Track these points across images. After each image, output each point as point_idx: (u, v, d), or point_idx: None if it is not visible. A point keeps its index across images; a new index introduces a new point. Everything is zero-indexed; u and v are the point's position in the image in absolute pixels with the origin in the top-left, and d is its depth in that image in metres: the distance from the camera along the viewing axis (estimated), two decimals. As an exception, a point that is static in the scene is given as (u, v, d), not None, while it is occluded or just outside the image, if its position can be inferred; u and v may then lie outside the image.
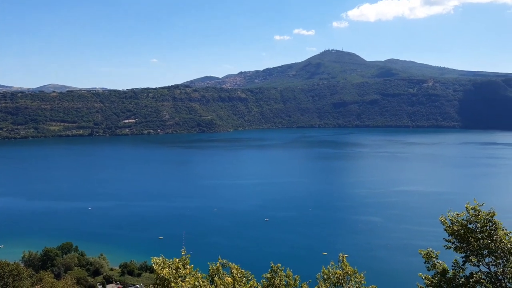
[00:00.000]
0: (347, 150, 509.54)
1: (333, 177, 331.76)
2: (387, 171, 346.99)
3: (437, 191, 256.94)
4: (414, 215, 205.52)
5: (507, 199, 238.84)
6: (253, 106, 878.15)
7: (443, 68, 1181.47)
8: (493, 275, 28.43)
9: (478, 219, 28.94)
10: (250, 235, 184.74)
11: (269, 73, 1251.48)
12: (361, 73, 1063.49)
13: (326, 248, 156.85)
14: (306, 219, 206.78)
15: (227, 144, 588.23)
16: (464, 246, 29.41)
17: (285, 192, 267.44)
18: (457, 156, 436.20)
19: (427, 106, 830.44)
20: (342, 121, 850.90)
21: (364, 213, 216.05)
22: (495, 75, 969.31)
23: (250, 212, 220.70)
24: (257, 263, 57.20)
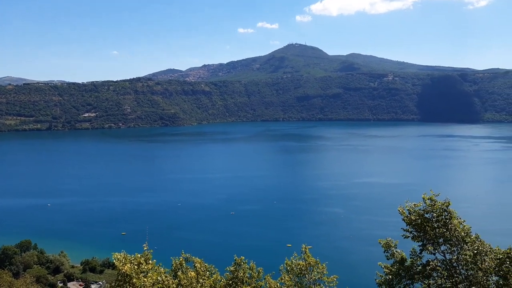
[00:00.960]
0: (311, 143, 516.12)
1: (297, 170, 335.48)
2: (349, 164, 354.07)
3: (398, 183, 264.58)
4: (375, 206, 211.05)
5: (462, 189, 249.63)
6: (217, 100, 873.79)
7: (402, 62, 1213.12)
8: (448, 263, 29.65)
9: (434, 209, 30.06)
10: (216, 229, 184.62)
11: (233, 66, 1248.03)
12: (324, 67, 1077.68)
13: (291, 240, 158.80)
14: (271, 212, 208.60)
15: (191, 138, 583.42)
16: (421, 235, 30.50)
17: (250, 186, 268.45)
18: (416, 148, 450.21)
19: (388, 100, 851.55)
20: (306, 115, 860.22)
21: (328, 205, 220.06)
22: (452, 70, 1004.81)
23: (215, 206, 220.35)
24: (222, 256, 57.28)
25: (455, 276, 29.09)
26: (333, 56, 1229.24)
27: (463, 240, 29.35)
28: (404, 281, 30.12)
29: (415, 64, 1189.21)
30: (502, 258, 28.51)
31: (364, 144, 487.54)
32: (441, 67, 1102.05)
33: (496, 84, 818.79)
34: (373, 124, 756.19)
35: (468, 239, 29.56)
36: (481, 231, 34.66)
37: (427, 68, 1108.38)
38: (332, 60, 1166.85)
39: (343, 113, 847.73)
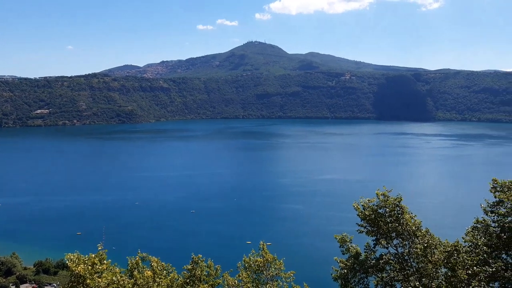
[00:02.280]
0: (271, 140, 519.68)
1: (258, 168, 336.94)
2: (309, 161, 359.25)
3: (356, 179, 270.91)
4: (334, 202, 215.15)
5: (415, 185, 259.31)
6: (176, 97, 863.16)
7: (359, 62, 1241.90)
8: (400, 256, 30.84)
9: (387, 204, 31.17)
10: (175, 227, 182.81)
11: (192, 63, 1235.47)
12: (283, 66, 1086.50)
13: (251, 237, 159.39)
14: (232, 210, 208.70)
15: (150, 135, 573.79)
16: (375, 229, 31.58)
17: (211, 183, 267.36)
18: (372, 146, 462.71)
19: (345, 98, 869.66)
20: (265, 112, 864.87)
21: (288, 202, 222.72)
22: (406, 70, 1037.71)
23: (174, 204, 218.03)
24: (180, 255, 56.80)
25: (406, 269, 30.28)
26: (292, 55, 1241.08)
27: (414, 234, 30.60)
28: (359, 275, 31.09)
29: (371, 64, 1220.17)
30: (450, 251, 29.93)
31: (323, 142, 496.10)
32: (395, 67, 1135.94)
33: (447, 84, 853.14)
34: (331, 122, 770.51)
35: (418, 233, 30.84)
36: (432, 225, 36.21)
37: (382, 67, 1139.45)
38: (291, 59, 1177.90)
39: (302, 111, 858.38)
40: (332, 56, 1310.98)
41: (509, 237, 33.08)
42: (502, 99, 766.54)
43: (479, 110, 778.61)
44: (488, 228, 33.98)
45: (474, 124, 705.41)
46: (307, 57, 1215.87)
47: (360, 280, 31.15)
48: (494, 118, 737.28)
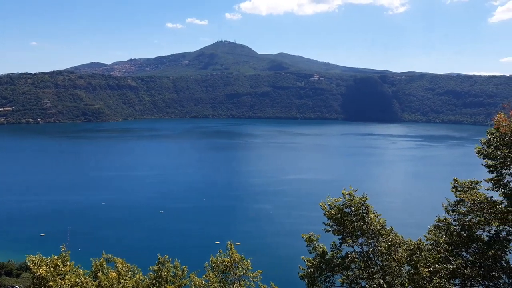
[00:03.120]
0: (241, 140, 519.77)
1: (227, 167, 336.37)
2: (279, 161, 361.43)
3: (324, 179, 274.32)
4: (303, 201, 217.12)
5: (381, 185, 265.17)
6: (144, 95, 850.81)
7: (328, 63, 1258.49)
8: (365, 254, 31.46)
9: (352, 204, 31.76)
10: (143, 228, 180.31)
11: (161, 61, 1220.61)
12: (253, 66, 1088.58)
13: (220, 237, 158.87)
14: (201, 210, 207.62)
15: (117, 135, 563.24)
16: (341, 228, 32.12)
17: (180, 183, 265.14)
18: (341, 146, 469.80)
19: (314, 99, 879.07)
20: (235, 112, 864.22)
21: (257, 201, 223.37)
22: (373, 72, 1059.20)
23: (142, 205, 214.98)
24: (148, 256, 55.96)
25: (371, 267, 30.92)
26: (262, 55, 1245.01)
27: (379, 233, 31.28)
28: (325, 274, 31.53)
29: (340, 66, 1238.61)
30: (413, 249, 30.75)
31: (293, 142, 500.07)
32: (363, 69, 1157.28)
33: (412, 86, 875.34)
34: (301, 123, 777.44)
35: (383, 231, 31.56)
36: (396, 224, 37.08)
37: (350, 69, 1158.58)
38: (261, 59, 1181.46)
39: (272, 111, 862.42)
40: (302, 57, 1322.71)
41: (469, 235, 34.31)
42: (464, 102, 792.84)
43: (443, 112, 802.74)
44: (449, 227, 35.14)
45: (437, 126, 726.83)
46: (277, 57, 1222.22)
47: (326, 278, 31.62)
48: (456, 120, 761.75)
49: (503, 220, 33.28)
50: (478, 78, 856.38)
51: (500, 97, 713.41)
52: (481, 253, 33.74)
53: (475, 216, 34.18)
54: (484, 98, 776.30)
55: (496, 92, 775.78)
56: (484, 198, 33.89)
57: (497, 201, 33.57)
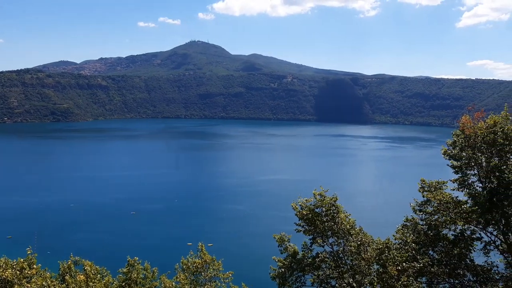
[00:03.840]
0: (215, 141, 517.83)
1: (201, 168, 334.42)
2: (252, 161, 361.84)
3: (297, 179, 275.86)
4: (275, 202, 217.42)
5: (352, 185, 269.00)
6: (115, 95, 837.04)
7: (300, 65, 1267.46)
8: (335, 254, 31.90)
9: (323, 204, 32.14)
10: (113, 230, 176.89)
11: (133, 60, 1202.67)
12: (226, 66, 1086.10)
13: (192, 238, 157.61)
14: (174, 211, 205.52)
15: (88, 135, 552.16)
16: (312, 229, 32.45)
17: (152, 184, 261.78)
18: (313, 147, 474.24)
19: (287, 100, 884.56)
20: (208, 112, 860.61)
21: (231, 202, 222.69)
22: (345, 74, 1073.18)
23: (114, 206, 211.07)
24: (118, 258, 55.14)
25: (341, 266, 31.37)
26: (235, 56, 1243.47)
27: (349, 233, 31.78)
28: (296, 273, 31.81)
29: (312, 67, 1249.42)
30: (381, 248, 31.37)
31: (266, 143, 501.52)
32: (335, 71, 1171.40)
33: (383, 88, 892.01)
34: (274, 123, 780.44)
35: (353, 231, 32.07)
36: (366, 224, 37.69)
37: (322, 71, 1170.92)
38: (234, 60, 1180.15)
39: (245, 112, 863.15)
40: (275, 59, 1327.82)
41: (435, 234, 35.26)
42: (432, 104, 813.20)
43: (412, 114, 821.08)
44: (416, 226, 36.01)
45: (407, 127, 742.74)
46: (250, 58, 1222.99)
47: (297, 278, 31.90)
48: (425, 122, 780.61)
49: (468, 220, 34.34)
50: (445, 81, 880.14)
51: (467, 100, 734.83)
52: (447, 251, 34.72)
53: (441, 215, 35.14)
54: (451, 100, 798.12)
55: (462, 95, 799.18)
56: (450, 198, 34.89)
57: (462, 201, 34.61)
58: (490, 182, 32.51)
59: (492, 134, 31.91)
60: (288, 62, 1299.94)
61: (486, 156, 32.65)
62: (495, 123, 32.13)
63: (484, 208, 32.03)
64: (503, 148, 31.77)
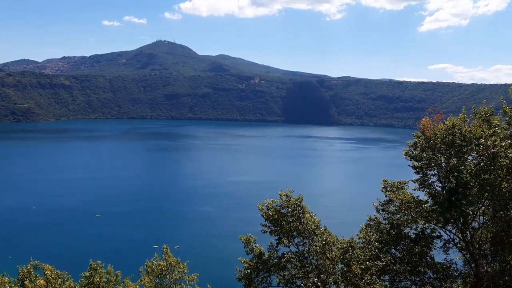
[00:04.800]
0: (181, 142, 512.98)
1: (167, 169, 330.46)
2: (220, 162, 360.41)
3: (264, 180, 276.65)
4: (243, 203, 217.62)
5: (318, 185, 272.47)
6: (79, 95, 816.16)
7: (268, 67, 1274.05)
8: (300, 254, 32.20)
9: (289, 205, 32.40)
10: (77, 233, 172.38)
11: (97, 60, 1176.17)
12: (193, 67, 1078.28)
13: (158, 241, 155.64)
14: (140, 213, 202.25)
15: (50, 135, 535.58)
16: (278, 229, 32.65)
17: (118, 186, 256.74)
18: (281, 148, 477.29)
19: (254, 101, 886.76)
20: (175, 113, 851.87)
21: (198, 204, 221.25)
22: (311, 76, 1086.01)
23: (78, 209, 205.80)
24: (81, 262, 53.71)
25: (306, 266, 31.69)
26: (202, 56, 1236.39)
27: (314, 233, 32.15)
28: (262, 274, 31.92)
29: (280, 69, 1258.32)
30: (345, 247, 31.91)
31: (234, 144, 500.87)
32: (302, 73, 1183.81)
33: (348, 91, 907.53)
34: (241, 124, 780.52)
35: (318, 231, 32.47)
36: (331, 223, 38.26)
37: (290, 73, 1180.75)
38: (201, 60, 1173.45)
39: (213, 113, 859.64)
40: (242, 60, 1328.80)
41: (398, 233, 36.17)
42: (396, 106, 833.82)
43: (376, 115, 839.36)
44: (379, 225, 36.84)
45: (371, 129, 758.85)
46: (218, 59, 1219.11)
47: (263, 279, 32.03)
48: (388, 123, 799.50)
49: (428, 219, 35.40)
50: (408, 84, 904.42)
51: (428, 102, 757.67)
52: (408, 250, 35.67)
53: (403, 215, 36.07)
54: (413, 103, 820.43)
55: (424, 98, 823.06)
56: (411, 198, 35.88)
57: (423, 201, 35.65)
58: (449, 182, 33.58)
59: (450, 135, 32.99)
60: (256, 64, 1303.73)
61: (445, 156, 33.73)
62: (454, 125, 33.24)
63: (443, 207, 33.06)
64: (461, 149, 32.89)
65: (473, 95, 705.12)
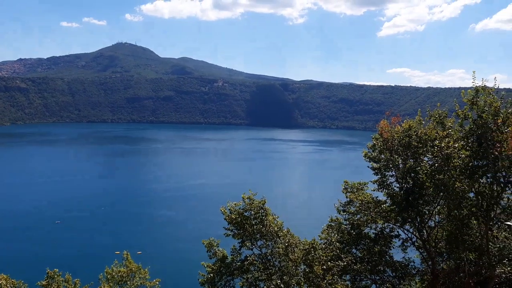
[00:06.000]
0: (144, 145, 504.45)
1: (129, 174, 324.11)
2: (184, 166, 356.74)
3: (228, 183, 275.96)
4: (206, 206, 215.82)
5: (282, 187, 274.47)
6: (36, 98, 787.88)
7: (231, 70, 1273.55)
8: (263, 256, 32.36)
9: (252, 207, 32.52)
10: (35, 240, 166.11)
11: (55, 62, 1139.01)
12: (155, 69, 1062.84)
13: (120, 246, 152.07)
14: (102, 218, 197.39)
15: (6, 140, 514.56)
16: (241, 232, 32.70)
17: (78, 191, 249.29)
18: (245, 151, 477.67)
19: (218, 104, 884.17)
20: (136, 116, 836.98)
21: (162, 208, 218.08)
22: (275, 79, 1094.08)
23: (36, 214, 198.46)
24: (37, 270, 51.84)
25: (269, 268, 31.86)
26: (165, 59, 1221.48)
27: (277, 235, 32.39)
28: (225, 278, 31.88)
29: (243, 72, 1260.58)
30: (308, 249, 32.32)
31: (197, 147, 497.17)
32: (265, 76, 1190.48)
33: (310, 94, 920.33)
34: (205, 128, 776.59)
35: (280, 233, 32.73)
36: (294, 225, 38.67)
37: (253, 76, 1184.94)
38: (164, 62, 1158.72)
39: (175, 116, 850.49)
40: (205, 62, 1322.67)
41: (358, 233, 37.03)
42: (356, 109, 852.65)
43: (337, 118, 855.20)
44: (340, 226, 37.59)
45: (333, 131, 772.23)
46: (180, 62, 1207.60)
47: (226, 282, 31.98)
48: (349, 126, 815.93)
49: (387, 218, 36.42)
50: (368, 87, 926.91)
51: (387, 105, 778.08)
52: (368, 249, 36.57)
53: (363, 215, 36.98)
54: (373, 106, 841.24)
55: (383, 101, 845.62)
56: (371, 198, 36.82)
57: (382, 201, 36.64)
58: (406, 183, 34.62)
59: (407, 137, 34.06)
60: (219, 67, 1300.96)
61: (402, 158, 34.79)
62: (410, 127, 34.33)
63: (401, 207, 34.06)
64: (417, 151, 34.01)
65: (429, 98, 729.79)
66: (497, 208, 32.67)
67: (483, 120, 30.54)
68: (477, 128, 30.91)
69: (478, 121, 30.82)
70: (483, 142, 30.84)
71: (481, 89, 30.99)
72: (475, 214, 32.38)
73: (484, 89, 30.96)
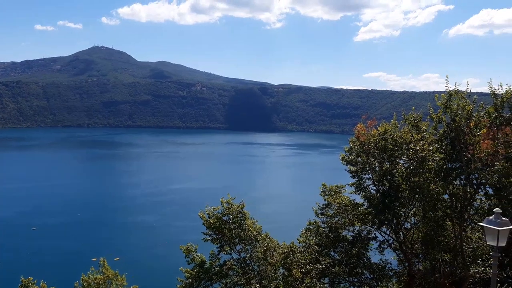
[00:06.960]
0: (121, 150, 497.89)
1: (106, 179, 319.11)
2: (162, 170, 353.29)
3: (206, 187, 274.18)
4: (185, 211, 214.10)
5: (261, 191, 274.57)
6: (9, 102, 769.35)
7: (210, 74, 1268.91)
8: (242, 260, 32.33)
9: (231, 212, 32.50)
10: (8, 247, 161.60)
11: (29, 65, 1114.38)
12: (132, 73, 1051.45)
13: (97, 253, 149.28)
14: (78, 224, 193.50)
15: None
16: (220, 237, 32.63)
17: (54, 197, 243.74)
18: (224, 155, 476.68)
19: (196, 108, 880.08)
20: (113, 121, 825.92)
21: (140, 213, 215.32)
22: (253, 83, 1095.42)
23: (9, 221, 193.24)
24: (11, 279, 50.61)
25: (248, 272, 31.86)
26: (142, 62, 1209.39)
27: (255, 239, 32.43)
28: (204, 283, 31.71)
29: (222, 76, 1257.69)
30: (286, 252, 32.47)
31: (175, 151, 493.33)
32: (244, 80, 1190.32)
33: (289, 98, 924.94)
34: (183, 132, 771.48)
35: (259, 237, 32.79)
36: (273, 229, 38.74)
37: (232, 80, 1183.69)
38: (141, 66, 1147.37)
39: (153, 120, 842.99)
40: (184, 66, 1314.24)
41: (336, 236, 37.33)
42: (334, 113, 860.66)
43: (315, 122, 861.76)
44: (318, 229, 37.85)
45: (311, 135, 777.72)
46: (158, 65, 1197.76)
47: (204, 288, 31.84)
48: (327, 129, 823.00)
49: (364, 221, 36.86)
50: (345, 91, 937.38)
51: (364, 109, 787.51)
52: (346, 252, 36.91)
53: (341, 218, 37.33)
54: (350, 109, 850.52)
55: (360, 105, 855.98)
56: (348, 201, 37.22)
57: (359, 204, 37.09)
58: (382, 185, 35.18)
59: (383, 140, 34.64)
60: (197, 70, 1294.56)
61: (378, 161, 35.33)
62: (386, 131, 34.93)
63: (377, 210, 34.56)
64: (393, 154, 34.62)
65: (404, 102, 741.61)
66: (471, 209, 33.49)
67: (456, 124, 31.34)
68: (451, 131, 31.69)
69: (451, 124, 31.60)
70: (456, 145, 31.62)
71: (454, 93, 31.78)
72: (450, 215, 33.07)
73: (457, 93, 31.76)
